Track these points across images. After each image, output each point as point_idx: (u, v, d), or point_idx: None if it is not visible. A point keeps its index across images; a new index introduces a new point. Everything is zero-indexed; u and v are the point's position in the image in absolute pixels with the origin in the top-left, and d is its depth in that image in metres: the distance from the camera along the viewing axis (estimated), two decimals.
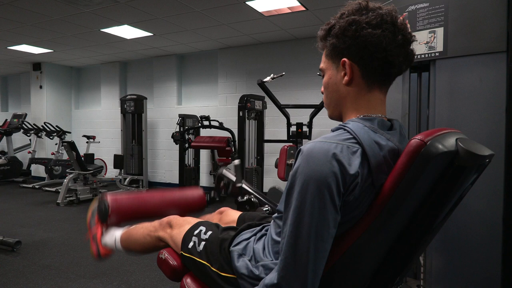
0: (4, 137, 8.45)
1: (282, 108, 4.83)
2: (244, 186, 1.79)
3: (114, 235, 1.76)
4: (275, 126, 6.32)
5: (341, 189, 0.88)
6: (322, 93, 1.14)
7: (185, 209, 1.89)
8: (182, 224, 1.47)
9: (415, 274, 1.85)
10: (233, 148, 5.88)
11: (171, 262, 1.39)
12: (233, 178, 1.84)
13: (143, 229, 1.64)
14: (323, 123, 5.66)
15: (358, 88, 1.04)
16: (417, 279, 1.83)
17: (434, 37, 1.64)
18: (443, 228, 1.64)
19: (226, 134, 5.98)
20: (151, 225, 1.61)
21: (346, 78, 1.03)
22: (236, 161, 1.88)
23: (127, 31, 5.93)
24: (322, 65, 1.11)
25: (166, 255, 1.42)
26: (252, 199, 1.72)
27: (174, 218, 1.54)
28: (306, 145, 0.93)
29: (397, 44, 0.97)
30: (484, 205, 1.58)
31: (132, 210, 1.85)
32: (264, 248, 1.16)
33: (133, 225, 1.73)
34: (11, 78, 10.24)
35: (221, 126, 5.99)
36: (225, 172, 1.91)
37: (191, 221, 1.47)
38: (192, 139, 6.48)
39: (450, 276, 1.67)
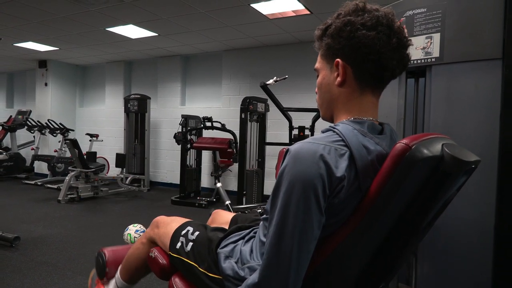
0: (8, 133, 8.50)
1: (284, 111, 4.83)
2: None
3: (114, 279, 1.71)
4: (277, 129, 6.32)
5: (327, 191, 0.87)
6: (316, 93, 1.14)
7: None
8: (169, 222, 1.47)
9: (408, 280, 1.85)
10: (234, 150, 5.88)
11: (160, 261, 1.39)
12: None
13: (135, 242, 1.64)
14: (325, 127, 5.64)
15: (350, 90, 1.03)
16: (409, 285, 1.83)
17: (431, 43, 1.64)
18: (436, 235, 1.64)
19: (228, 135, 5.99)
20: (142, 235, 1.62)
21: (338, 79, 1.02)
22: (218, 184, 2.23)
23: (132, 31, 5.96)
24: (317, 65, 1.11)
25: (156, 253, 1.43)
26: None
27: (161, 218, 1.54)
28: (294, 145, 0.93)
29: (391, 47, 0.96)
30: (477, 213, 1.58)
31: None
32: (251, 251, 1.16)
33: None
34: (17, 75, 10.31)
35: (223, 128, 5.99)
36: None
37: (178, 220, 1.48)
38: (194, 140, 6.49)
39: (441, 283, 1.66)
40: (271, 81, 4.03)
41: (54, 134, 7.92)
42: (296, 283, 0.88)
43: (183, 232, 1.37)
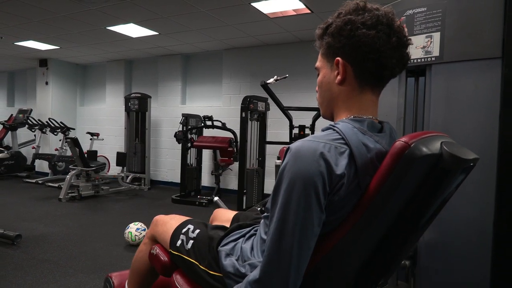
0: (9, 132, 8.51)
1: (284, 110, 4.83)
2: None
3: None
4: (278, 128, 6.32)
5: (327, 188, 0.88)
6: (317, 91, 1.15)
7: None
8: (168, 221, 1.48)
9: (407, 278, 1.86)
10: (235, 149, 5.89)
11: (161, 258, 1.40)
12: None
13: (139, 246, 1.64)
14: (325, 126, 5.65)
15: (350, 88, 1.04)
16: (408, 283, 1.84)
17: (431, 42, 1.65)
18: (435, 234, 1.65)
19: (228, 134, 6.00)
20: (144, 237, 1.62)
21: (338, 77, 1.03)
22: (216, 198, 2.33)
23: (132, 30, 5.97)
24: (317, 63, 1.12)
25: (157, 250, 1.44)
26: None
27: (160, 217, 1.55)
28: (294, 143, 0.93)
29: (391, 46, 0.97)
30: (477, 212, 1.58)
31: None
32: (252, 248, 1.16)
33: None
34: (18, 74, 10.31)
35: (223, 127, 6.00)
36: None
37: (177, 218, 1.49)
38: (194, 138, 6.50)
39: (440, 282, 1.67)
40: (271, 80, 4.03)
41: (55, 133, 7.93)
42: (297, 280, 0.89)
43: (184, 230, 1.38)
